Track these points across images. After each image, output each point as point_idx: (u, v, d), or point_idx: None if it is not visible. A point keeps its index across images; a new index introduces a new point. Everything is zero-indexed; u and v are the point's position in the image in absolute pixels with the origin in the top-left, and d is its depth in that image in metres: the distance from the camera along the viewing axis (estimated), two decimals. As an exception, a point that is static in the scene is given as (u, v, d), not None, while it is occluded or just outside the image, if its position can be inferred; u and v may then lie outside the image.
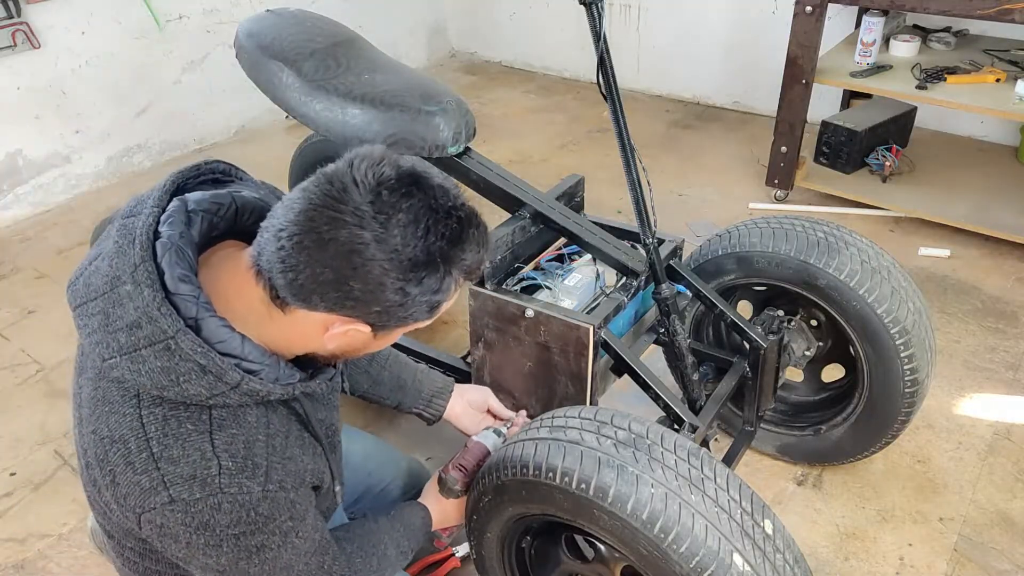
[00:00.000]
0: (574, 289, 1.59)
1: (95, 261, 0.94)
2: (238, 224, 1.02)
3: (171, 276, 0.89)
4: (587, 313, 1.52)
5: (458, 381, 1.82)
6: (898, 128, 3.17)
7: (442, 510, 1.44)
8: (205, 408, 0.93)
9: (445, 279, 0.91)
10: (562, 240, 1.72)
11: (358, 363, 1.50)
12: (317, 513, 1.10)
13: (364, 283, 0.87)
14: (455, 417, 1.59)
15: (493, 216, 2.85)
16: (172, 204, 0.96)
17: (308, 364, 1.05)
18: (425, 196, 0.89)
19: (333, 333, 0.93)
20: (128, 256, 0.89)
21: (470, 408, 1.60)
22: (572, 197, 1.77)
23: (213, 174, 1.05)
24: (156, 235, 0.92)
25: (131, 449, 0.92)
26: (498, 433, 1.50)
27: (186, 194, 0.99)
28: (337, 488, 1.16)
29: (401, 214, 0.86)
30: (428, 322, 0.98)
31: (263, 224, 0.91)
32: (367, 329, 0.93)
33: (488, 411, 1.63)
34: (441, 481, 1.44)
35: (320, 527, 1.10)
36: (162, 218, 0.93)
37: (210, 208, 0.98)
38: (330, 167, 0.91)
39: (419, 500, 1.45)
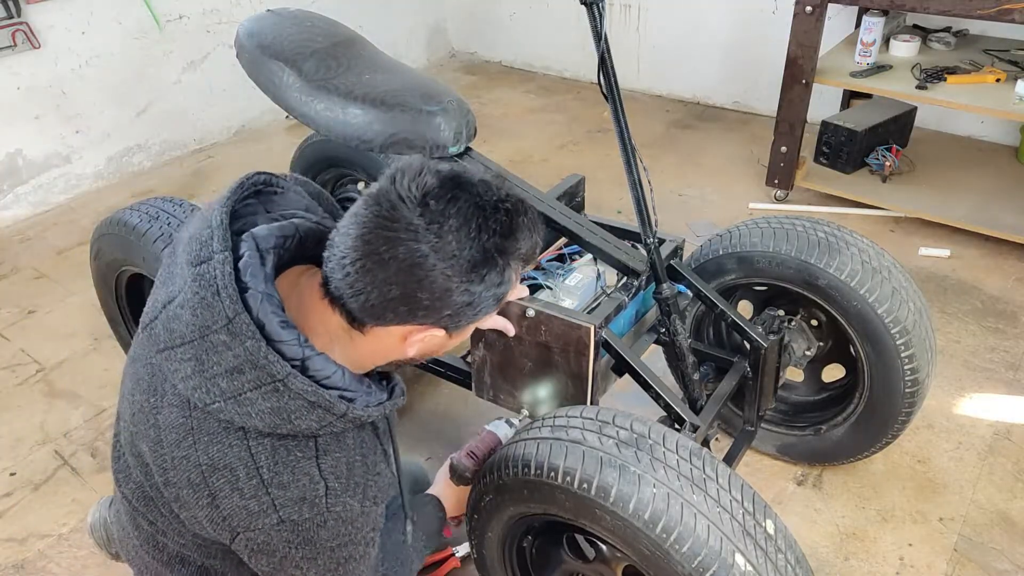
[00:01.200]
0: (575, 289, 1.59)
1: (170, 307, 0.95)
2: (300, 251, 1.05)
3: (271, 326, 0.92)
4: (588, 313, 1.52)
5: (459, 382, 1.83)
6: (898, 128, 3.17)
7: (453, 496, 1.49)
8: (311, 437, 0.98)
9: (505, 271, 0.94)
10: (563, 240, 1.72)
11: None
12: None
13: (431, 293, 0.91)
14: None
15: (493, 216, 2.86)
16: (244, 246, 0.97)
17: (378, 375, 1.10)
18: (470, 196, 0.92)
19: (412, 340, 0.98)
20: (216, 309, 0.91)
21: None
22: (573, 197, 1.77)
23: (255, 187, 1.07)
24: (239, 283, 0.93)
25: (239, 476, 0.96)
26: (509, 423, 1.53)
27: (251, 230, 1.00)
28: (409, 528, 1.28)
29: (452, 219, 0.89)
30: (495, 312, 1.04)
31: (325, 255, 0.95)
32: (442, 332, 0.98)
33: None
34: (453, 468, 1.48)
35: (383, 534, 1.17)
36: (240, 265, 0.95)
37: (278, 244, 1.01)
38: (374, 187, 0.93)
39: (431, 491, 1.51)
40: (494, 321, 1.34)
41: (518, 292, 1.15)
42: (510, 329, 1.41)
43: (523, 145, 3.79)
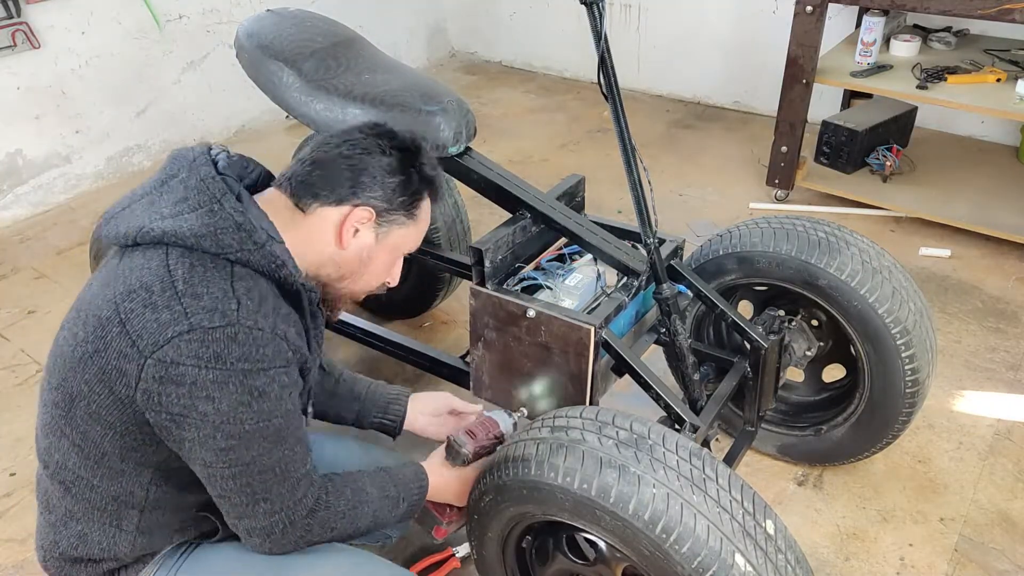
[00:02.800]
0: (575, 289, 1.59)
1: (135, 190, 1.15)
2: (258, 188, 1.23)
3: (222, 164, 1.14)
4: (588, 313, 1.52)
5: (458, 382, 1.82)
6: (898, 128, 3.17)
7: (443, 477, 1.38)
8: (228, 262, 1.06)
9: (411, 182, 1.20)
10: (563, 240, 1.72)
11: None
12: (296, 401, 1.16)
13: (358, 172, 1.15)
14: (419, 427, 1.59)
15: (493, 216, 2.86)
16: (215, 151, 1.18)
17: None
18: (406, 156, 1.21)
19: (346, 228, 1.16)
20: (185, 158, 1.12)
21: (433, 416, 1.59)
22: (573, 197, 1.77)
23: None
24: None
25: (154, 291, 1.02)
26: (508, 414, 1.51)
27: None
28: (310, 412, 1.33)
29: (387, 138, 1.19)
30: (414, 225, 1.23)
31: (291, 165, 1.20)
32: (370, 214, 1.16)
33: (452, 412, 1.61)
34: (449, 447, 1.40)
35: (304, 427, 1.17)
36: (212, 153, 1.16)
37: (240, 162, 1.22)
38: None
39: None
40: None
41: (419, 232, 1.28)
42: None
43: (523, 145, 3.79)
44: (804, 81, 2.83)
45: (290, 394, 1.09)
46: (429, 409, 1.59)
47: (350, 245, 1.18)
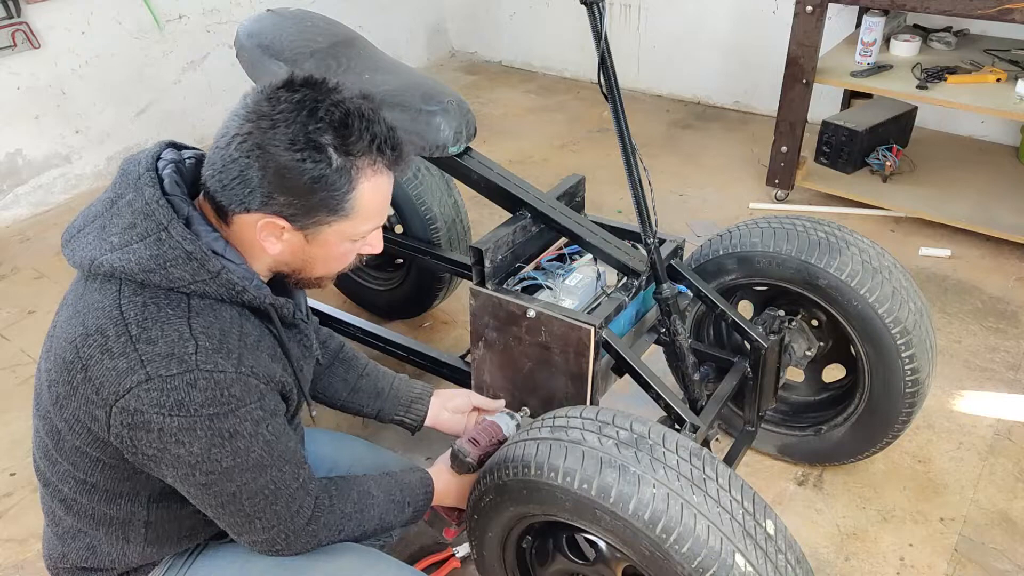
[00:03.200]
0: (575, 289, 1.59)
1: (90, 206, 1.09)
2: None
3: (169, 182, 1.04)
4: (588, 313, 1.52)
5: (458, 382, 1.82)
6: (899, 128, 3.17)
7: (449, 484, 1.40)
8: (184, 296, 1.01)
9: (334, 162, 1.00)
10: (563, 240, 1.72)
11: (335, 371, 1.52)
12: (288, 427, 1.12)
13: (263, 172, 0.99)
14: (440, 423, 1.58)
15: (494, 216, 2.86)
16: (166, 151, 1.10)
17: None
18: (313, 92, 1.01)
19: (263, 232, 1.04)
20: (132, 174, 1.04)
21: (454, 413, 1.58)
22: (573, 197, 1.76)
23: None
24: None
25: (109, 336, 0.97)
26: (511, 415, 1.51)
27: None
28: (314, 412, 1.25)
29: (287, 109, 0.98)
30: (353, 216, 1.05)
31: None
32: (286, 225, 1.03)
33: (474, 409, 1.61)
34: (454, 455, 1.42)
35: (293, 440, 1.12)
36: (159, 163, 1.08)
37: (195, 168, 1.11)
38: None
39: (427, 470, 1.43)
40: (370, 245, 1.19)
41: (376, 206, 1.08)
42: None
43: (523, 145, 3.79)
44: (804, 81, 2.83)
45: (267, 425, 1.05)
46: (451, 406, 1.58)
47: (279, 249, 1.07)
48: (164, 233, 0.99)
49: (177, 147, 1.14)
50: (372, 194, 1.05)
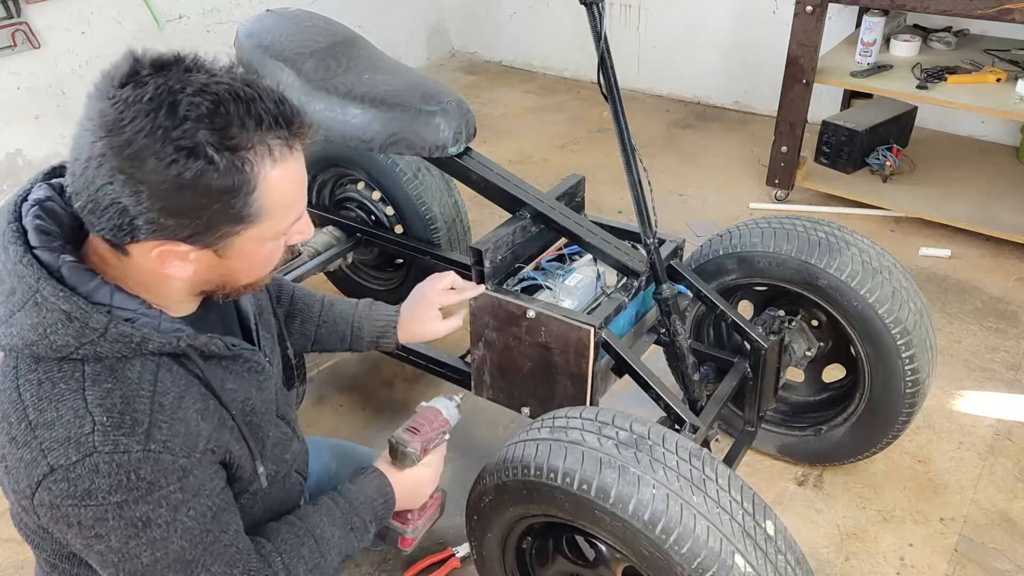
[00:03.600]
0: (575, 289, 1.59)
1: None
2: None
3: (32, 229, 0.88)
4: (588, 313, 1.52)
5: (458, 381, 1.82)
6: (899, 128, 3.17)
7: (400, 483, 1.24)
8: (79, 364, 0.87)
9: (220, 160, 0.81)
10: (563, 240, 1.72)
11: (292, 326, 1.42)
12: (227, 498, 0.99)
13: (131, 195, 0.80)
14: (415, 338, 1.47)
15: (494, 216, 2.86)
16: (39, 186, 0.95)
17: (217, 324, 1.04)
18: (166, 78, 0.80)
19: (165, 260, 0.88)
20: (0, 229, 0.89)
21: (427, 321, 1.45)
22: (573, 197, 1.76)
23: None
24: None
25: (12, 423, 0.87)
26: (450, 398, 1.37)
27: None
28: (260, 470, 1.05)
29: (136, 108, 0.79)
30: (261, 221, 0.88)
31: None
32: (184, 247, 0.86)
33: (447, 291, 1.48)
34: (393, 450, 1.26)
35: (232, 524, 0.99)
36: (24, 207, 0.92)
37: (68, 207, 0.94)
38: None
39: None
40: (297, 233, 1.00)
41: (288, 187, 0.89)
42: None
43: (523, 145, 3.79)
44: (804, 81, 2.83)
45: (189, 510, 0.91)
46: (425, 320, 1.45)
47: (189, 272, 0.91)
48: (38, 296, 0.85)
49: (57, 174, 0.97)
50: (280, 185, 0.87)
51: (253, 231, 0.89)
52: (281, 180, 0.87)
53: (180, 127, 0.79)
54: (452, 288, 1.49)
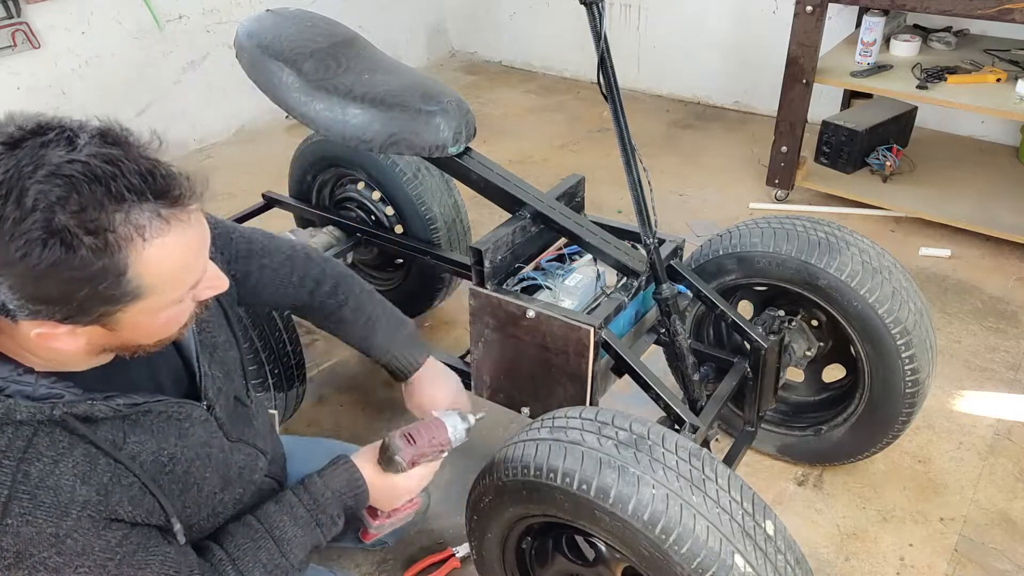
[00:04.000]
0: (575, 289, 1.59)
1: None
2: None
3: None
4: (588, 313, 1.52)
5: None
6: (899, 128, 3.17)
7: (371, 480, 1.20)
8: None
9: (80, 246, 0.75)
10: (562, 240, 1.72)
11: (327, 328, 1.42)
12: (138, 539, 0.94)
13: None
14: (412, 401, 1.45)
15: (494, 216, 2.86)
16: None
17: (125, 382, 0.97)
18: (9, 166, 0.74)
19: (48, 339, 0.82)
20: None
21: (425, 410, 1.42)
22: (572, 197, 1.76)
23: None
24: None
25: None
26: (463, 418, 1.28)
27: None
28: (177, 527, 0.98)
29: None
30: (160, 297, 0.84)
31: None
32: (64, 327, 0.81)
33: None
34: (383, 448, 1.22)
35: (140, 551, 0.94)
36: None
37: None
38: None
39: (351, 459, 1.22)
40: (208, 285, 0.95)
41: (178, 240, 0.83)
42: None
43: (523, 145, 3.79)
44: (804, 81, 2.83)
45: (76, 569, 0.87)
46: (426, 401, 1.43)
47: (80, 343, 0.85)
48: None
49: None
50: (159, 262, 0.81)
51: (137, 307, 0.83)
52: (160, 255, 0.80)
53: (29, 218, 0.73)
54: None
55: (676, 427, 1.48)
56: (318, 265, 1.42)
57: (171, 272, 0.83)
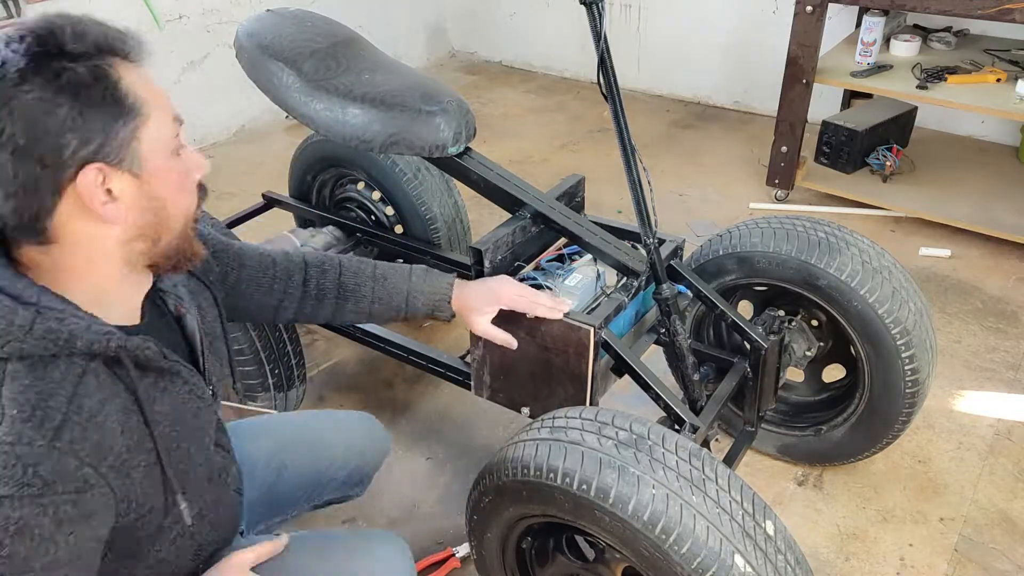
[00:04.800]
0: (575, 289, 1.59)
1: None
2: None
3: None
4: (588, 313, 1.52)
5: (458, 382, 1.82)
6: (899, 128, 3.17)
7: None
8: (2, 363, 0.84)
9: (75, 71, 0.86)
10: (562, 240, 1.72)
11: (345, 308, 1.43)
12: (97, 557, 0.91)
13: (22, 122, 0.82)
14: (463, 317, 1.48)
15: (494, 216, 2.86)
16: None
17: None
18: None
19: (92, 201, 0.86)
20: None
21: (482, 313, 1.46)
22: (572, 197, 1.76)
23: None
24: None
25: None
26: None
27: None
28: (183, 505, 0.99)
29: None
30: (156, 118, 0.92)
31: None
32: (98, 167, 0.86)
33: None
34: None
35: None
36: None
37: None
38: None
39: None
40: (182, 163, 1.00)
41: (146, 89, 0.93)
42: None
43: (523, 145, 3.79)
44: (804, 81, 2.83)
45: (71, 534, 0.84)
46: (479, 303, 1.46)
47: (121, 215, 0.90)
48: None
49: None
50: (145, 82, 0.93)
51: (146, 132, 0.90)
52: (139, 77, 0.93)
53: (25, 84, 0.83)
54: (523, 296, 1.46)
55: (676, 427, 1.48)
56: (328, 266, 1.44)
57: (155, 91, 0.93)
